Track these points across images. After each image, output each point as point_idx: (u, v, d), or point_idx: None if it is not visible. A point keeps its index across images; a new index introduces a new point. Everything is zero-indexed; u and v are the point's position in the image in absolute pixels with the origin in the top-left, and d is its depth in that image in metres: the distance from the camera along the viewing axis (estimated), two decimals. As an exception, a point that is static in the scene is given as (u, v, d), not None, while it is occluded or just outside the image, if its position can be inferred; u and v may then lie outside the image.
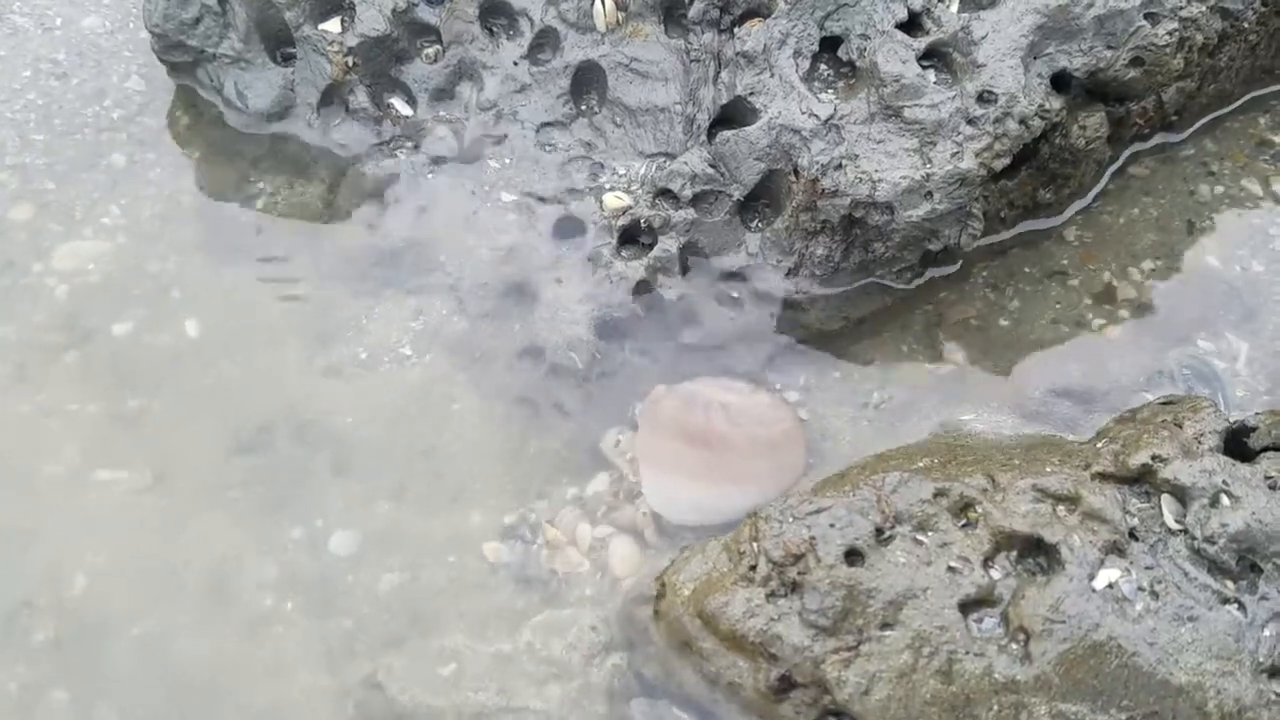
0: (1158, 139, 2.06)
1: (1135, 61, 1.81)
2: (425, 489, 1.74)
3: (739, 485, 1.69)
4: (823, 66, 1.87)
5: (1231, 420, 1.57)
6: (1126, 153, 2.04)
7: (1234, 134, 2.09)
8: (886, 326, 1.89)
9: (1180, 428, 1.55)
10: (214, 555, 1.68)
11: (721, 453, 1.71)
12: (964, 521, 1.44)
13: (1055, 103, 1.80)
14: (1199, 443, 1.52)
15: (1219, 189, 2.03)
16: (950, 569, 1.39)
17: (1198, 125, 2.08)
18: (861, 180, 1.75)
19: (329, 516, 1.72)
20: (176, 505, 1.71)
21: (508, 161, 1.98)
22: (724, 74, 1.90)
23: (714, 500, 1.70)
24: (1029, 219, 1.97)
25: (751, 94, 1.85)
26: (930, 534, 1.42)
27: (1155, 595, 1.38)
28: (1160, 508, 1.45)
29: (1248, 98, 2.12)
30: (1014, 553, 1.43)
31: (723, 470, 1.70)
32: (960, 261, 1.93)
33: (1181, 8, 1.79)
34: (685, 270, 1.88)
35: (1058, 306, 1.91)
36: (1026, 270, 1.95)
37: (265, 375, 1.82)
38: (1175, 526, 1.44)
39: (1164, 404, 1.66)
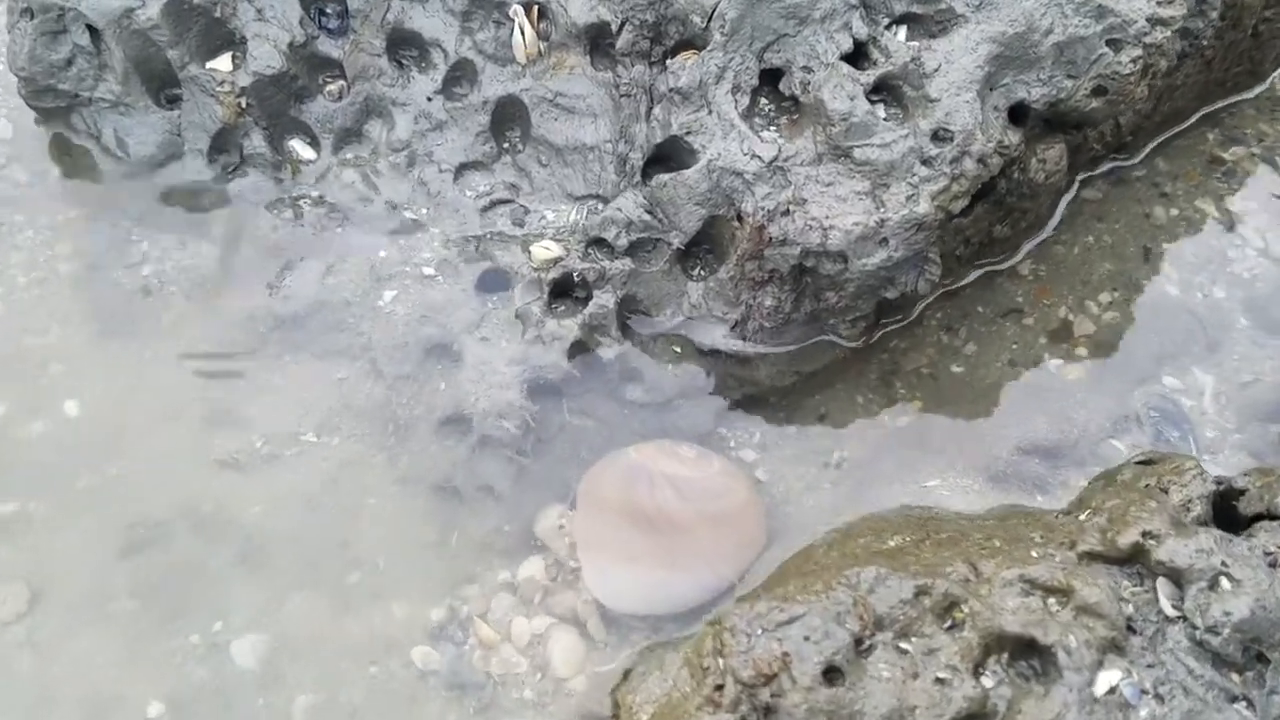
0: (1109, 162, 1.96)
1: (1098, 91, 1.69)
2: (341, 586, 1.57)
3: (692, 569, 1.55)
4: (764, 101, 1.73)
5: (1219, 483, 1.46)
6: (1079, 178, 1.94)
7: (1185, 152, 2.00)
8: (839, 378, 1.78)
9: (1166, 493, 1.45)
10: (97, 677, 1.50)
11: (670, 534, 1.56)
12: (949, 622, 1.31)
13: (1014, 137, 1.68)
14: (1187, 510, 1.41)
15: (1174, 211, 1.94)
16: (939, 680, 1.25)
17: (1151, 145, 1.99)
18: (811, 227, 1.61)
19: (232, 621, 1.54)
20: (58, 623, 1.53)
21: (424, 210, 1.82)
22: (657, 110, 1.75)
23: (665, 587, 1.56)
24: (984, 256, 1.86)
25: (688, 133, 1.70)
26: (914, 640, 1.29)
27: (1160, 699, 1.26)
28: (1155, 592, 1.34)
29: (1200, 114, 2.02)
30: (1005, 655, 1.30)
31: (673, 553, 1.56)
32: (914, 307, 1.82)
33: (1146, 33, 1.68)
34: (624, 326, 1.74)
35: (1014, 348, 1.81)
36: (980, 310, 1.85)
37: (155, 465, 1.65)
38: (1172, 613, 1.33)
39: (1142, 463, 1.55)
